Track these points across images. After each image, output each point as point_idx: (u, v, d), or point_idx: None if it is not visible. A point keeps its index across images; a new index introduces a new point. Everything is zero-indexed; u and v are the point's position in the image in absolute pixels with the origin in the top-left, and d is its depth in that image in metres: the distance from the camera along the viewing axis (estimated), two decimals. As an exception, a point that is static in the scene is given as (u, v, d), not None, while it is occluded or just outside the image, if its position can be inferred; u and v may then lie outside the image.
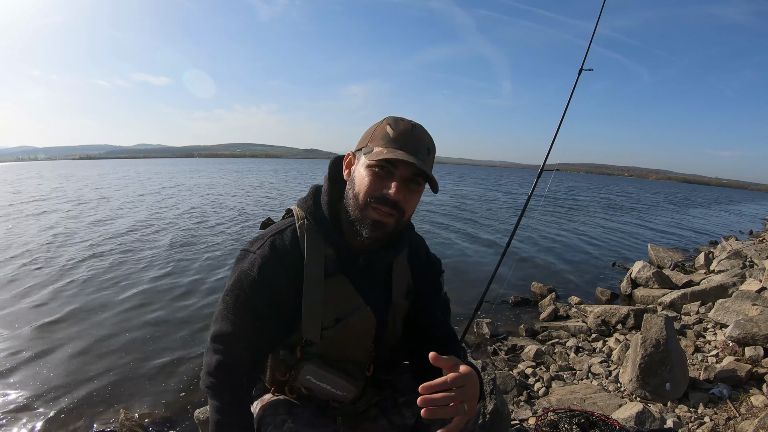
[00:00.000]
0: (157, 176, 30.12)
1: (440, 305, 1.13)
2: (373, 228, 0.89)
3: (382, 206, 0.88)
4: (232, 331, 0.91)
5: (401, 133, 0.89)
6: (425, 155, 0.90)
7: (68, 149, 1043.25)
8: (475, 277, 5.73)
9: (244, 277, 0.91)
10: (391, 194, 0.87)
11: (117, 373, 2.99)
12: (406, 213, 0.91)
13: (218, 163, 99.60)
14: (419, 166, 0.86)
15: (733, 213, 21.74)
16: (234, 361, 0.91)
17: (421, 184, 0.92)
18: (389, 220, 0.90)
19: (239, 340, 0.91)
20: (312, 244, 0.93)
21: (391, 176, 0.88)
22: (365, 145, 0.92)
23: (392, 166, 0.88)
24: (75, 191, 17.19)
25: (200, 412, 2.26)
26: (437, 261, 1.18)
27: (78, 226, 8.67)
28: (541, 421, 2.06)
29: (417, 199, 0.93)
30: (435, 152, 0.94)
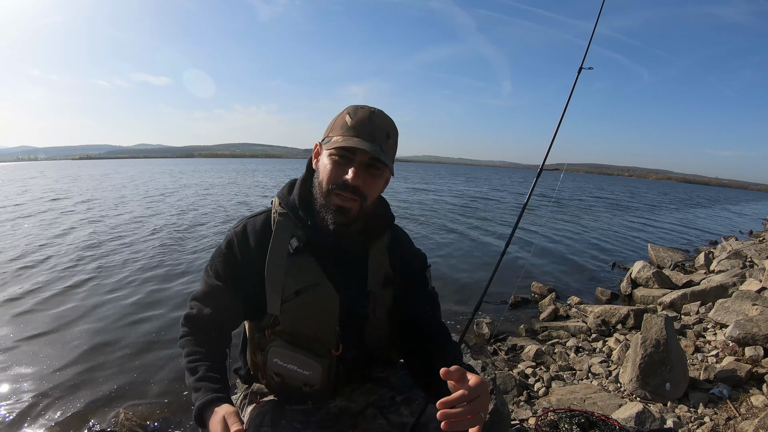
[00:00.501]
0: (162, 176, 30.13)
1: (428, 300, 1.13)
2: (337, 213, 0.95)
3: (343, 192, 0.93)
4: (204, 293, 1.04)
5: (359, 121, 0.94)
6: (384, 140, 0.94)
7: (68, 149, 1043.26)
8: (478, 277, 5.74)
9: (217, 252, 1.05)
10: (349, 180, 0.92)
11: (117, 373, 2.99)
12: (368, 198, 0.96)
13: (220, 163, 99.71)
14: (371, 150, 0.90)
15: (733, 213, 21.74)
16: (204, 315, 1.03)
17: (381, 169, 0.95)
18: (352, 205, 0.94)
19: (209, 299, 1.03)
20: (281, 226, 1.01)
21: (350, 163, 0.93)
22: (327, 135, 0.98)
23: (350, 153, 0.93)
24: (85, 190, 17.20)
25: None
26: (422, 255, 1.18)
27: (82, 226, 8.68)
28: (541, 421, 2.06)
29: (378, 184, 0.98)
30: (396, 136, 0.99)
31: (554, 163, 1.46)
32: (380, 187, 1.00)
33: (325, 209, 0.96)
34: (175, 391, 2.79)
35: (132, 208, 11.89)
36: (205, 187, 20.45)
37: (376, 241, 1.06)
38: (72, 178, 28.07)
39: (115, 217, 10.13)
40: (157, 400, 2.69)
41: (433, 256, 6.76)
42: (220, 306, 1.03)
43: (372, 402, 1.10)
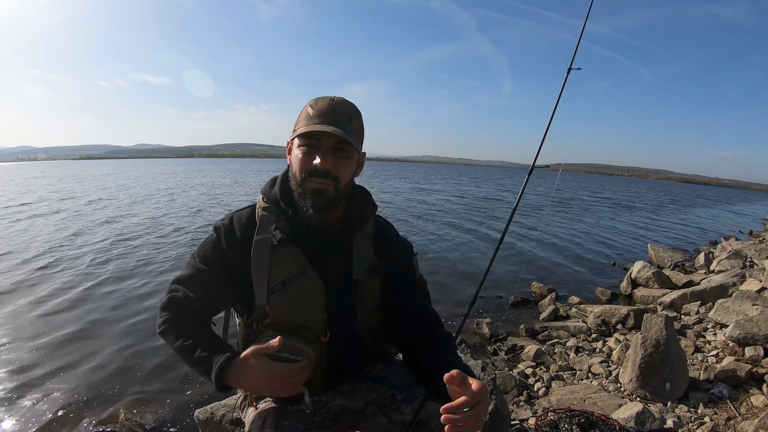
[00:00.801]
0: (166, 176, 30.12)
1: (416, 287, 1.14)
2: (315, 196, 0.97)
3: (315, 177, 0.96)
4: (190, 276, 1.03)
5: (319, 109, 0.97)
6: (346, 123, 0.97)
7: (68, 149, 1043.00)
8: (478, 276, 5.75)
9: (204, 242, 1.07)
10: (319, 165, 0.95)
11: (117, 373, 2.99)
12: (340, 180, 0.98)
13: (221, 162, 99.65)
14: (334, 132, 0.93)
15: (733, 213, 21.74)
16: (190, 299, 1.01)
17: (349, 151, 0.98)
18: (326, 187, 0.97)
19: (196, 283, 1.02)
20: (264, 219, 1.04)
21: (317, 150, 0.96)
22: (294, 130, 1.01)
23: (316, 139, 0.96)
24: (92, 190, 17.21)
25: (200, 412, 2.25)
26: (408, 243, 1.19)
27: (85, 226, 8.68)
28: (541, 421, 2.06)
29: (349, 165, 1.00)
30: (359, 118, 1.02)
31: (553, 163, 1.46)
32: (351, 169, 1.02)
33: (303, 196, 0.99)
34: (175, 391, 2.79)
35: (143, 208, 11.90)
36: (211, 186, 20.48)
37: (360, 231, 1.08)
38: (76, 178, 28.18)
39: (126, 218, 10.14)
40: (157, 401, 2.69)
41: (438, 256, 6.77)
42: (207, 291, 1.02)
43: (372, 400, 1.10)
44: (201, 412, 2.25)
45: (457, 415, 0.76)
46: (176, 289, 1.03)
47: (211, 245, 1.04)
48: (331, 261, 1.04)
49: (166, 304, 1.03)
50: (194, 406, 2.50)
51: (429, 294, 1.18)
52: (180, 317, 1.02)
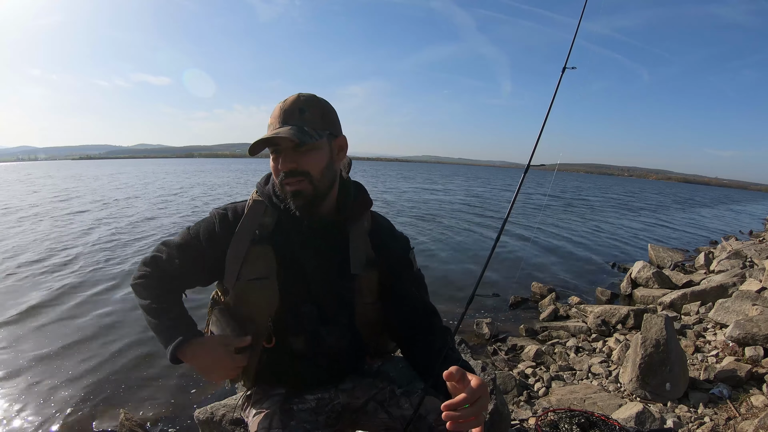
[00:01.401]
0: (170, 176, 30.12)
1: (414, 281, 1.14)
2: (294, 197, 0.99)
3: (286, 179, 0.99)
4: (179, 244, 1.06)
5: (273, 115, 1.00)
6: (297, 117, 0.98)
7: (68, 149, 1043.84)
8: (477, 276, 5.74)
9: (200, 221, 1.09)
10: (280, 169, 0.99)
11: (117, 373, 3.00)
12: (312, 174, 0.99)
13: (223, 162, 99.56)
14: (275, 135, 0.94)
15: (733, 213, 21.74)
16: (174, 263, 1.04)
17: (308, 143, 0.97)
18: (301, 187, 0.99)
19: (182, 251, 1.05)
20: (251, 213, 1.06)
21: (279, 153, 0.99)
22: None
23: (275, 145, 0.98)
24: (98, 190, 17.21)
25: (200, 412, 2.25)
26: (404, 237, 1.19)
27: (87, 226, 8.68)
28: (541, 421, 2.06)
29: (315, 156, 0.99)
30: (314, 107, 1.01)
31: (550, 163, 1.46)
32: (320, 158, 1.00)
33: (285, 198, 1.01)
34: (175, 391, 2.79)
35: (155, 208, 11.90)
36: (215, 186, 20.49)
37: (356, 225, 1.09)
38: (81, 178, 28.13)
39: (131, 218, 10.13)
40: (157, 401, 2.69)
41: (438, 254, 6.77)
42: (189, 262, 1.05)
43: (372, 396, 1.11)
44: (201, 412, 2.25)
45: (457, 411, 0.77)
46: (162, 251, 1.06)
47: (204, 224, 1.07)
48: (326, 254, 1.05)
49: (148, 260, 1.06)
50: (194, 406, 2.50)
51: (426, 288, 1.18)
52: (157, 277, 1.04)
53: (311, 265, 1.04)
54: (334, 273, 1.05)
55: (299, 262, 1.04)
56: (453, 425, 0.77)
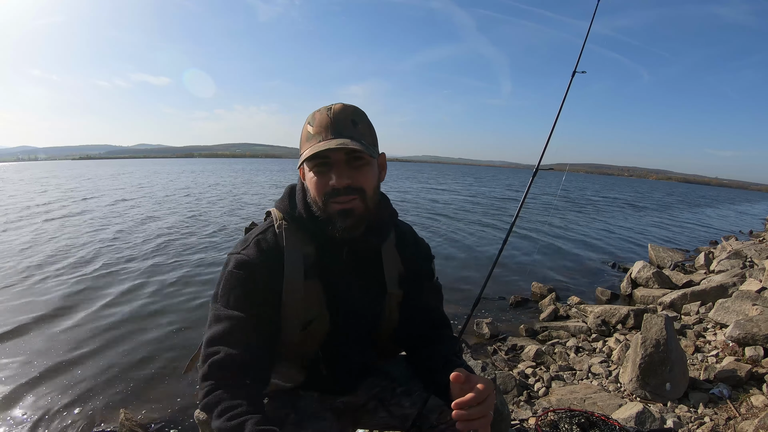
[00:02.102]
0: (178, 175, 30.12)
1: (432, 291, 1.14)
2: (343, 217, 0.91)
3: (337, 198, 0.90)
4: (225, 331, 0.87)
5: (319, 124, 0.91)
6: (351, 129, 0.90)
7: (68, 149, 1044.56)
8: (481, 276, 5.74)
9: (231, 277, 0.92)
10: (335, 184, 0.89)
11: (117, 373, 2.99)
12: (366, 190, 0.92)
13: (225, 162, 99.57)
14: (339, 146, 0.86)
15: (733, 213, 21.73)
16: (234, 357, 0.85)
17: (364, 157, 0.91)
18: (353, 205, 0.91)
19: (236, 338, 0.87)
20: (291, 245, 0.95)
21: (330, 168, 0.90)
22: (300, 154, 0.95)
23: (325, 158, 0.89)
24: (112, 189, 17.21)
25: (200, 412, 2.25)
26: (426, 247, 1.17)
27: (89, 226, 8.69)
28: (541, 421, 2.06)
29: (369, 172, 0.93)
30: (365, 119, 0.94)
31: (556, 163, 1.46)
32: (373, 175, 0.94)
33: (330, 219, 0.92)
34: (175, 392, 2.79)
35: (160, 209, 11.90)
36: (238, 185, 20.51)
37: (386, 241, 1.06)
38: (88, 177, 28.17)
39: (133, 219, 10.13)
40: (157, 401, 2.69)
41: (443, 255, 6.76)
42: (250, 341, 0.87)
43: (374, 394, 1.11)
44: (201, 412, 2.25)
45: (466, 411, 0.79)
46: (215, 351, 0.86)
47: (239, 286, 0.90)
48: (364, 276, 1.02)
49: (206, 372, 0.85)
50: (194, 406, 2.50)
51: (443, 297, 1.17)
52: (224, 386, 0.83)
53: (355, 291, 1.01)
54: (372, 294, 1.03)
55: (345, 291, 1.00)
56: (462, 424, 0.79)
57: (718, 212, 21.22)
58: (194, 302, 4.44)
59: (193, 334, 3.62)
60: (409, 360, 1.11)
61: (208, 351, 0.86)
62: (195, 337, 3.55)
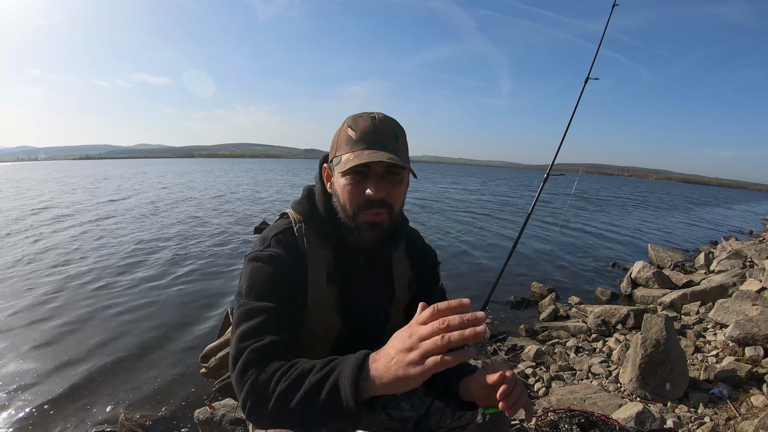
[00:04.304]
0: (188, 175, 30.12)
1: (437, 296, 1.14)
2: (371, 229, 0.91)
3: (370, 209, 0.89)
4: (262, 321, 0.83)
5: (363, 131, 0.89)
6: (394, 144, 0.90)
7: (68, 149, 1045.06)
8: (482, 277, 5.74)
9: (258, 272, 0.89)
10: (372, 196, 0.88)
11: (117, 374, 2.99)
12: (394, 207, 0.92)
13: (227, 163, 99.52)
14: (386, 160, 0.85)
15: (733, 213, 21.73)
16: (273, 345, 0.80)
17: (400, 174, 0.91)
18: (381, 218, 0.91)
19: (273, 327, 0.83)
20: (313, 247, 0.96)
21: (367, 178, 0.89)
22: (335, 155, 0.93)
23: (365, 167, 0.88)
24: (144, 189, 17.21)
25: (200, 412, 2.26)
26: (433, 252, 1.19)
27: (90, 226, 8.69)
28: (541, 421, 2.05)
29: (401, 190, 0.94)
30: (404, 136, 0.94)
31: (560, 163, 1.46)
32: (404, 192, 0.96)
33: (357, 229, 0.92)
34: (175, 391, 2.79)
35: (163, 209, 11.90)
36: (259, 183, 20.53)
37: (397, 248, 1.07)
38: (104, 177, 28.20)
39: (136, 221, 10.12)
40: (157, 401, 2.69)
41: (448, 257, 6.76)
42: (288, 329, 0.84)
43: None
44: (201, 412, 2.25)
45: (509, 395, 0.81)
46: (252, 341, 0.80)
47: (268, 279, 0.88)
48: (376, 282, 1.04)
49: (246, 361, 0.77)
50: (194, 406, 2.50)
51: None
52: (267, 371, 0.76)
53: (367, 296, 1.02)
54: (382, 299, 1.05)
55: (359, 296, 1.01)
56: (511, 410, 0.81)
57: (718, 212, 21.22)
58: (195, 302, 4.44)
59: (194, 334, 3.62)
60: None
61: (244, 344, 0.80)
62: (195, 337, 3.55)
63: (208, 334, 3.55)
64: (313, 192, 1.02)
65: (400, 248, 1.09)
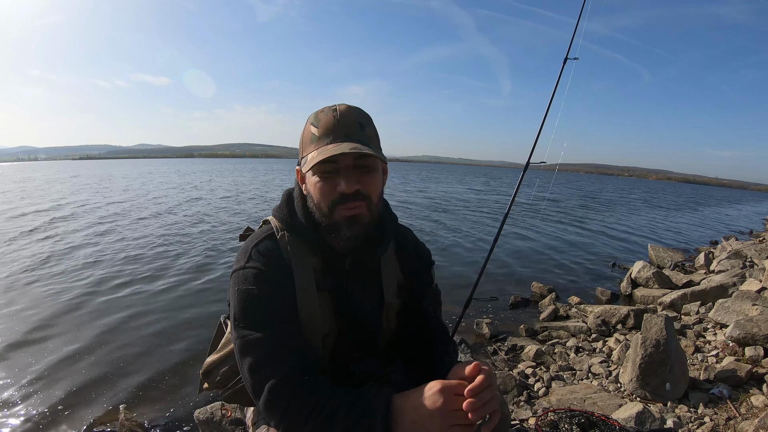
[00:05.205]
0: (196, 175, 30.12)
1: (431, 298, 1.12)
2: (350, 224, 0.87)
3: (344, 204, 0.86)
4: (266, 350, 0.83)
5: (325, 126, 0.86)
6: (359, 133, 0.87)
7: (68, 149, 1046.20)
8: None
9: (244, 295, 0.87)
10: (345, 190, 0.85)
11: (117, 373, 2.99)
12: (372, 197, 0.89)
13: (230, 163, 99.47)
14: (351, 151, 0.82)
15: (733, 213, 21.73)
16: (286, 376, 0.80)
17: (371, 163, 0.88)
18: (360, 211, 0.87)
19: (279, 353, 0.83)
20: (297, 255, 0.92)
21: (337, 173, 0.86)
22: (302, 156, 0.91)
23: (333, 162, 0.85)
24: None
25: (200, 412, 2.26)
26: (426, 252, 1.15)
27: (92, 227, 8.69)
28: (541, 421, 2.05)
29: (376, 178, 0.90)
30: (371, 123, 0.91)
31: (560, 163, 1.47)
32: (380, 181, 0.92)
33: (335, 227, 0.88)
34: (175, 391, 2.79)
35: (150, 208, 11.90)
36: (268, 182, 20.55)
37: (387, 249, 1.03)
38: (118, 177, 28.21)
39: (138, 219, 10.12)
40: (157, 401, 2.69)
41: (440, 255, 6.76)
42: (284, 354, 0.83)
43: None
44: (201, 412, 2.25)
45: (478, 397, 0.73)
46: (265, 378, 0.80)
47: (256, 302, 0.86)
48: (366, 286, 1.00)
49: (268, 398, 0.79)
50: (194, 406, 2.50)
51: (441, 304, 1.16)
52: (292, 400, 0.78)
53: (357, 302, 0.98)
54: (373, 304, 1.01)
55: (350, 302, 0.97)
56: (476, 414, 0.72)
57: (718, 212, 21.23)
58: (197, 302, 4.44)
59: (194, 334, 3.62)
60: (406, 364, 1.10)
61: (257, 380, 0.81)
62: (196, 337, 3.55)
63: (209, 335, 3.55)
64: (293, 197, 0.99)
65: (390, 249, 1.04)
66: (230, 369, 1.07)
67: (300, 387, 0.80)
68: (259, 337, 0.83)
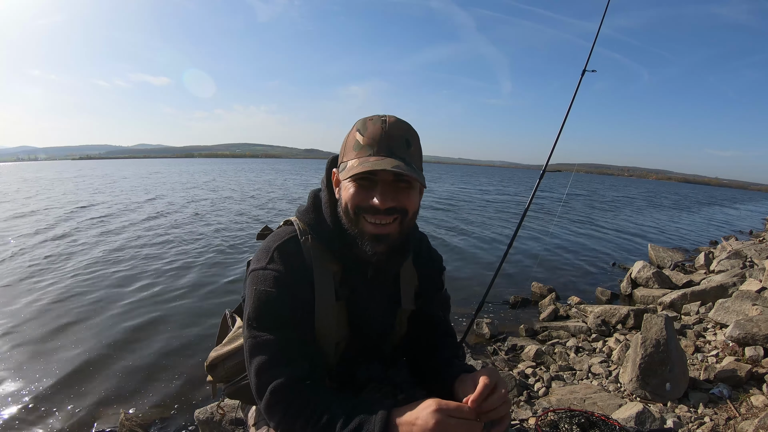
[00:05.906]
0: (201, 175, 30.12)
1: (440, 303, 1.13)
2: (375, 242, 0.86)
3: (373, 216, 0.85)
4: (275, 353, 0.83)
5: (371, 136, 0.84)
6: (404, 150, 0.85)
7: (68, 149, 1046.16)
8: (484, 277, 5.74)
9: (261, 296, 0.86)
10: (378, 205, 0.83)
11: (117, 373, 3.00)
12: (408, 212, 0.87)
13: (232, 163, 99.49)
14: (393, 169, 0.79)
15: (733, 213, 21.73)
16: (290, 379, 0.81)
17: (410, 181, 0.86)
18: (389, 230, 0.86)
19: (287, 357, 0.83)
20: (319, 261, 0.91)
21: (374, 186, 0.84)
22: (342, 160, 0.89)
23: (371, 174, 0.83)
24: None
25: (200, 412, 2.26)
26: (438, 258, 1.16)
27: (94, 229, 8.69)
28: (541, 421, 2.05)
29: (414, 196, 0.88)
30: (417, 141, 0.89)
31: (560, 163, 1.47)
32: (416, 198, 0.89)
33: (360, 237, 0.87)
34: (175, 391, 2.79)
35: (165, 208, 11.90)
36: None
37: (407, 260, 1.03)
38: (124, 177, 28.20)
39: (141, 217, 10.12)
40: (157, 401, 2.69)
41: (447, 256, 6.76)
42: (294, 357, 0.84)
43: (375, 401, 1.10)
44: (201, 412, 2.25)
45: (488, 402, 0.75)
46: (271, 379, 0.82)
47: (272, 305, 0.86)
48: (384, 294, 1.01)
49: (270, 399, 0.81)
50: (194, 406, 2.51)
51: (450, 309, 1.17)
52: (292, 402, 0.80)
53: (374, 309, 0.99)
54: (388, 310, 1.02)
55: (367, 310, 0.97)
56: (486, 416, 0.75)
57: (718, 212, 21.23)
58: (197, 302, 4.44)
59: (195, 334, 3.62)
60: (412, 366, 1.10)
61: (262, 381, 0.83)
62: (196, 337, 3.55)
63: (209, 336, 3.55)
64: (320, 199, 0.97)
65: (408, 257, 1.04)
66: (235, 365, 1.07)
67: (301, 391, 0.80)
68: (271, 340, 0.84)
